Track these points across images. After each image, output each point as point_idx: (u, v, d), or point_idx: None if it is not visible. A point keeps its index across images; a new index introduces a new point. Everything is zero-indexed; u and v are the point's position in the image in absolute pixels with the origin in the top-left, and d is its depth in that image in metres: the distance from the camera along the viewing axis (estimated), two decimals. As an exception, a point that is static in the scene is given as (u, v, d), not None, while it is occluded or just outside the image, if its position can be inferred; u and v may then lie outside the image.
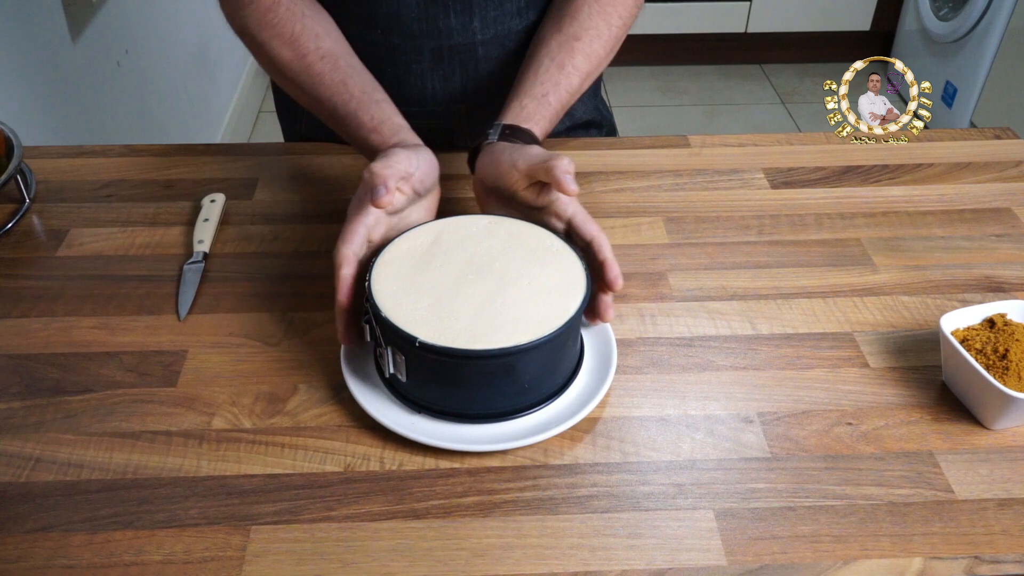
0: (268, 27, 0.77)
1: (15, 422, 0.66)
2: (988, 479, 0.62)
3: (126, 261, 0.82)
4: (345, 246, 0.66)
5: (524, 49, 0.91)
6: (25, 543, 0.58)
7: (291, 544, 0.58)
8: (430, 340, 0.61)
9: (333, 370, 0.69)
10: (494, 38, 0.89)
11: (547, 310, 0.64)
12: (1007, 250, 0.85)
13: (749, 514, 0.60)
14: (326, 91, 0.76)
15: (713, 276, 0.81)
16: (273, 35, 0.77)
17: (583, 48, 0.81)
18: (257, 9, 0.77)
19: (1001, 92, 2.49)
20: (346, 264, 0.65)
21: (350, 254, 0.66)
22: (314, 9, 0.80)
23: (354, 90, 0.75)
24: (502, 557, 0.57)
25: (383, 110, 0.75)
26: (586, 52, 0.82)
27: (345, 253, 0.66)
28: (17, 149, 0.87)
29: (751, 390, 0.70)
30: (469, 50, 0.89)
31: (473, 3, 0.86)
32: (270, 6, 0.77)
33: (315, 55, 0.77)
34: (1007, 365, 0.65)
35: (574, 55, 0.81)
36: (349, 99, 0.75)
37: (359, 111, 0.75)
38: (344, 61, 0.77)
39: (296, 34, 0.77)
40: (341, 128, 0.77)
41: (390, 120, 0.74)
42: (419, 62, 0.90)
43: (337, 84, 0.76)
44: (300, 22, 0.78)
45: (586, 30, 0.82)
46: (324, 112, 0.78)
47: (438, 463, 0.63)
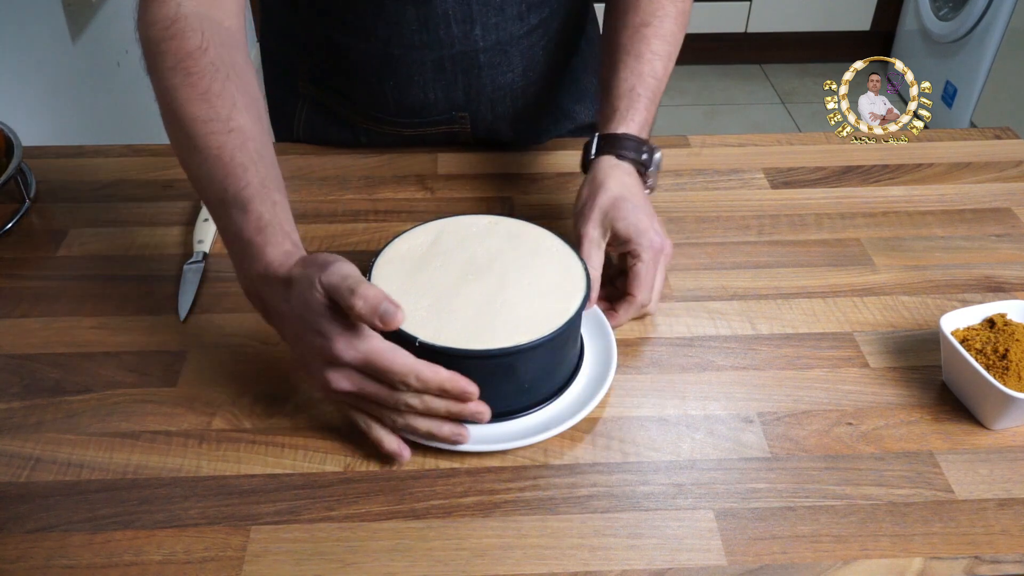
0: (184, 73, 0.65)
1: (15, 422, 0.66)
2: (988, 479, 0.62)
3: (126, 261, 0.82)
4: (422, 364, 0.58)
5: (526, 53, 0.91)
6: (25, 543, 0.58)
7: (291, 544, 0.58)
8: (430, 340, 0.61)
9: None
10: (496, 44, 0.89)
11: (547, 310, 0.64)
12: (1007, 250, 0.85)
13: (749, 514, 0.60)
14: (221, 169, 0.63)
15: (713, 276, 0.81)
16: (186, 84, 0.65)
17: (655, 32, 0.80)
18: (178, 49, 0.66)
19: (1001, 92, 2.49)
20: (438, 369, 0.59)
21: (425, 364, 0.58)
22: (241, 73, 0.68)
23: (253, 179, 0.63)
24: (502, 557, 0.57)
25: (276, 212, 0.62)
26: (659, 35, 0.80)
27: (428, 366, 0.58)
28: (17, 149, 0.87)
29: (751, 390, 0.70)
30: (471, 58, 0.89)
31: (474, 11, 0.86)
32: (193, 51, 0.66)
33: (224, 124, 0.64)
34: (1007, 365, 0.65)
35: (649, 41, 0.80)
36: (245, 186, 0.62)
37: (251, 202, 0.62)
38: (254, 144, 0.65)
39: (213, 93, 0.65)
40: (222, 211, 0.64)
41: (280, 225, 0.62)
42: (420, 73, 0.89)
43: (237, 166, 0.63)
44: (221, 82, 0.65)
45: (652, 14, 0.81)
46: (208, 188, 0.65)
47: (438, 463, 0.63)
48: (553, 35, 0.93)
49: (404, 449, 0.62)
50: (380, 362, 0.57)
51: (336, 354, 0.57)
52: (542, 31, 0.91)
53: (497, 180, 0.94)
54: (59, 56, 1.52)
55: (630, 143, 0.76)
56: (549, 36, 0.93)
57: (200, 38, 0.67)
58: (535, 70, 0.94)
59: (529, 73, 0.93)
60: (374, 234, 0.86)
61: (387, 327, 0.55)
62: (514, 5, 0.87)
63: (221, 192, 0.63)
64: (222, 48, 0.68)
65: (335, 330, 0.57)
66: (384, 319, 0.55)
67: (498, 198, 0.91)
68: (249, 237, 0.61)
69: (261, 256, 0.61)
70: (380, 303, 0.55)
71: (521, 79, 0.93)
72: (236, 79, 0.67)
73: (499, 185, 0.93)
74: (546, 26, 0.91)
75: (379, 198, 0.91)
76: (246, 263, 0.62)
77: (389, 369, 0.57)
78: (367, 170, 0.96)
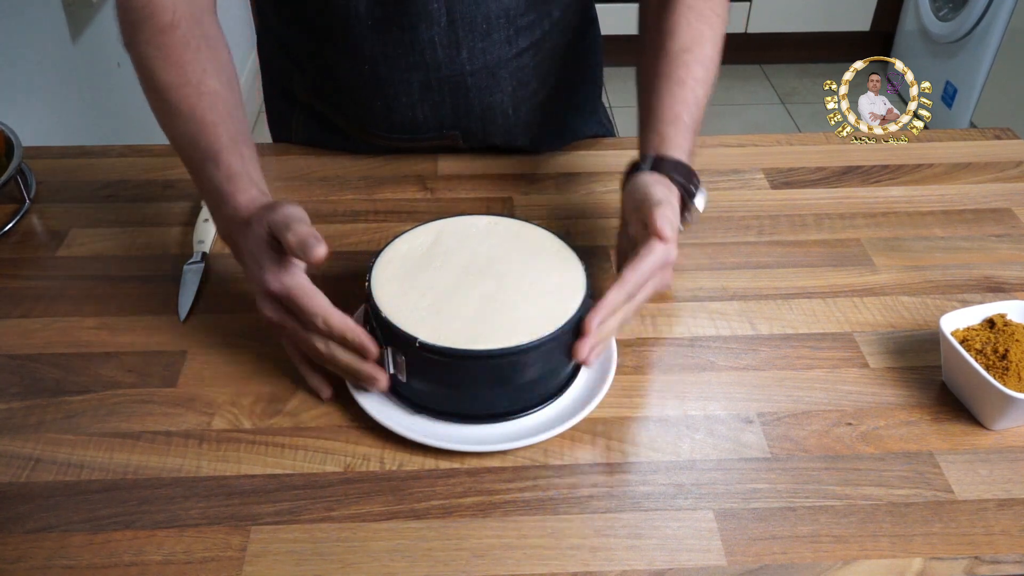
0: (157, 47, 0.73)
1: (15, 422, 0.66)
2: (988, 479, 0.62)
3: (126, 261, 0.82)
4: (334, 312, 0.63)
5: (514, 76, 0.90)
6: (25, 543, 0.58)
7: (291, 544, 0.58)
8: (430, 340, 0.61)
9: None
10: (483, 68, 0.88)
11: (547, 310, 0.64)
12: (1007, 250, 0.85)
13: (749, 514, 0.60)
14: (195, 126, 0.71)
15: (713, 276, 0.81)
16: (160, 56, 0.73)
17: (696, 58, 0.79)
18: (152, 26, 0.73)
19: (1001, 92, 2.49)
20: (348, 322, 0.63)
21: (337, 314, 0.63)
22: (212, 45, 0.75)
23: (223, 135, 0.70)
24: (502, 557, 0.57)
25: (245, 164, 0.70)
26: (700, 61, 0.79)
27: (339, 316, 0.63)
28: (17, 149, 0.87)
29: (751, 390, 0.70)
30: (458, 80, 0.88)
31: (460, 36, 0.85)
32: (165, 27, 0.73)
33: (195, 88, 0.72)
34: (1007, 365, 0.65)
35: (690, 67, 0.78)
36: (215, 140, 0.70)
37: (221, 154, 0.69)
38: (223, 105, 0.72)
39: (185, 61, 0.73)
40: (196, 166, 0.72)
41: (248, 175, 0.69)
42: (408, 93, 0.89)
43: (208, 124, 0.71)
44: (192, 52, 0.73)
45: (692, 40, 0.80)
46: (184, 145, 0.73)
47: (438, 463, 0.63)
48: (546, 54, 0.92)
49: (324, 387, 0.67)
50: (297, 298, 0.63)
51: (265, 282, 0.64)
52: (532, 52, 0.90)
53: (497, 180, 0.94)
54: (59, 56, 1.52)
55: (681, 168, 0.73)
56: (541, 56, 0.91)
57: (172, 15, 0.74)
58: (526, 89, 0.93)
59: (520, 92, 0.92)
60: (374, 234, 0.86)
61: (310, 259, 0.60)
62: (501, 30, 0.86)
63: (195, 148, 0.71)
64: (192, 22, 0.75)
65: (269, 263, 0.64)
66: (306, 250, 0.60)
67: (498, 198, 0.91)
68: (220, 185, 0.69)
69: (231, 201, 0.68)
70: (308, 237, 0.61)
71: (511, 98, 0.92)
72: (206, 50, 0.74)
73: (499, 185, 0.93)
74: (537, 47, 0.90)
75: (379, 198, 0.91)
76: (220, 209, 0.69)
77: (302, 306, 0.63)
78: (367, 170, 0.96)
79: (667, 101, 0.77)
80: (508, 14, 0.85)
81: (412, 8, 0.82)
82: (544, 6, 0.88)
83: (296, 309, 0.63)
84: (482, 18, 0.84)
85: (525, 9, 0.86)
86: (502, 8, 0.84)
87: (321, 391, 0.68)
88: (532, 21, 0.88)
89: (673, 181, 0.72)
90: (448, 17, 0.83)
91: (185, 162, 0.73)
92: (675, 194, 0.71)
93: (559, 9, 0.90)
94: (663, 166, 0.72)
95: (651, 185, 0.69)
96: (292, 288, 0.63)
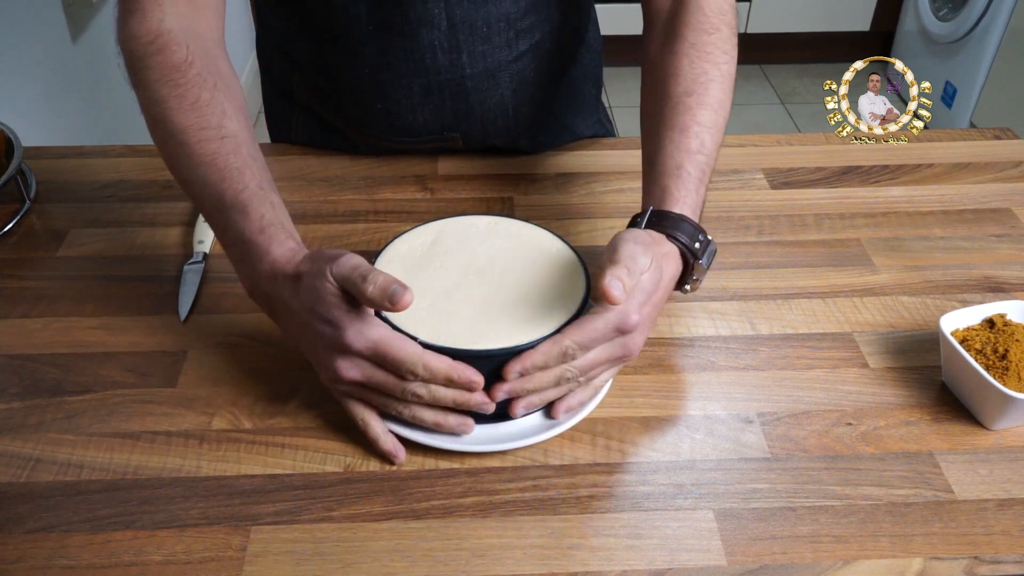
0: (172, 85, 0.67)
1: (15, 422, 0.66)
2: (988, 479, 0.62)
3: (126, 261, 0.82)
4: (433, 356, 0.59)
5: (514, 78, 0.90)
6: (25, 543, 0.58)
7: (291, 544, 0.58)
8: (430, 340, 0.61)
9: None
10: (483, 71, 0.88)
11: (547, 310, 0.64)
12: (1007, 250, 0.85)
13: (749, 514, 0.60)
14: (216, 174, 0.65)
15: (713, 276, 0.81)
16: (174, 95, 0.67)
17: (699, 101, 0.73)
18: (164, 63, 0.68)
19: (1001, 92, 2.49)
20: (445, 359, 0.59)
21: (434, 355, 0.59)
22: (227, 84, 0.70)
23: (250, 182, 0.65)
24: (502, 557, 0.57)
25: (276, 213, 0.65)
26: (704, 104, 0.73)
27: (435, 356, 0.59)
28: (17, 149, 0.87)
29: (751, 390, 0.70)
30: (458, 84, 0.88)
31: (460, 40, 0.85)
32: (179, 65, 0.68)
33: (216, 131, 0.66)
34: (1007, 365, 0.65)
35: (694, 112, 0.72)
36: (243, 189, 0.64)
37: (250, 204, 0.64)
38: (246, 149, 0.67)
39: (203, 103, 0.67)
40: (219, 215, 0.66)
41: (282, 225, 0.64)
42: (408, 97, 0.89)
43: (233, 170, 0.65)
44: (209, 92, 0.68)
45: (695, 81, 0.74)
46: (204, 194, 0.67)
47: (438, 463, 0.63)
48: (545, 56, 0.92)
49: (400, 450, 0.63)
50: (389, 350, 0.58)
51: (347, 342, 0.58)
52: (532, 55, 0.90)
53: (497, 181, 0.94)
54: (59, 56, 1.52)
55: (685, 225, 0.67)
56: (540, 58, 0.91)
57: (185, 51, 0.69)
58: (526, 91, 0.93)
59: (520, 95, 0.92)
60: (374, 234, 0.86)
61: (396, 307, 0.56)
62: (501, 33, 0.86)
63: (218, 196, 0.65)
64: (207, 59, 0.70)
65: (346, 319, 0.58)
66: (393, 299, 0.56)
67: (498, 198, 0.91)
68: (252, 238, 0.63)
69: (266, 255, 0.62)
70: (390, 286, 0.56)
71: (511, 100, 0.92)
72: (223, 89, 0.69)
73: (499, 185, 0.93)
74: (536, 50, 0.90)
75: (379, 198, 0.91)
76: (249, 263, 0.64)
77: (397, 357, 0.58)
78: (367, 170, 0.96)
79: (669, 150, 0.71)
80: (508, 17, 0.85)
81: (412, 12, 0.82)
82: (544, 9, 0.88)
83: (389, 361, 0.59)
84: (482, 22, 0.84)
85: (525, 12, 0.86)
86: (502, 12, 0.84)
87: (397, 455, 0.63)
88: (532, 24, 0.88)
89: (673, 240, 0.66)
90: (448, 21, 0.83)
91: (205, 211, 0.67)
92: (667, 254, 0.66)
93: (559, 12, 0.90)
94: (664, 223, 0.66)
95: (625, 241, 0.62)
96: (381, 341, 0.58)
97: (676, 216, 0.67)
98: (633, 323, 0.61)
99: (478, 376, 0.60)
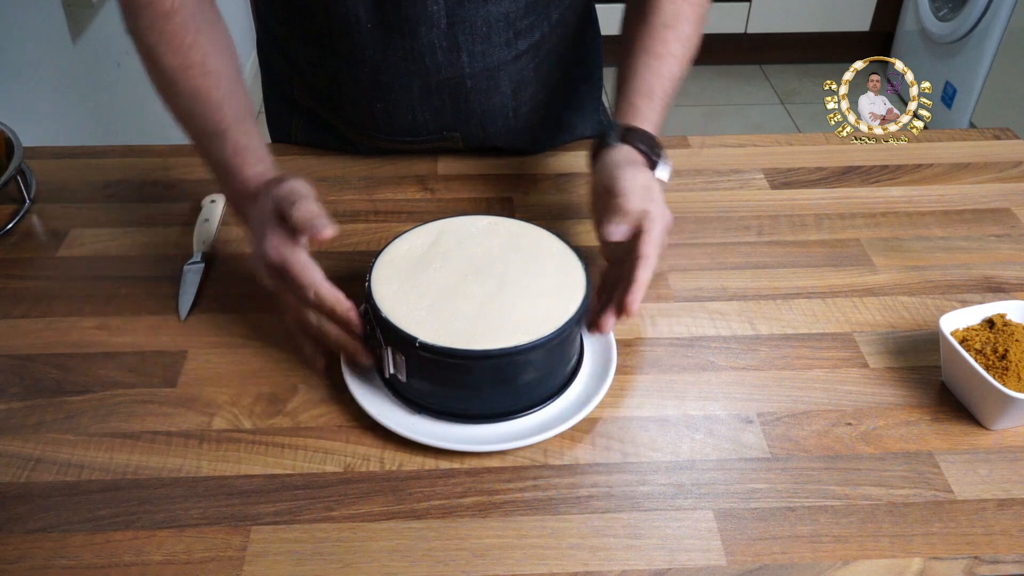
0: (159, 33, 0.76)
1: (15, 422, 0.66)
2: (988, 479, 0.63)
3: (126, 261, 0.82)
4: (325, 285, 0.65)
5: (514, 78, 0.90)
6: (25, 543, 0.58)
7: (291, 544, 0.58)
8: (430, 340, 0.61)
9: (333, 370, 0.69)
10: (483, 70, 0.88)
11: (547, 311, 0.64)
12: (1006, 250, 0.85)
13: (749, 514, 0.60)
14: (200, 107, 0.75)
15: (713, 276, 0.81)
16: (162, 41, 0.76)
17: (675, 35, 0.82)
18: (153, 12, 0.76)
19: (1001, 92, 2.49)
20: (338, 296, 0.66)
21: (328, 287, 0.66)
22: (212, 27, 0.78)
23: (228, 112, 0.74)
24: (502, 557, 0.57)
25: (251, 139, 0.74)
26: (679, 38, 0.82)
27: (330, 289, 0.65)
28: (17, 149, 0.87)
29: (751, 390, 0.70)
30: (458, 83, 0.89)
31: (460, 40, 0.85)
32: (167, 13, 0.75)
33: (199, 69, 0.75)
34: (1006, 365, 0.65)
35: (668, 43, 0.81)
36: (222, 119, 0.74)
37: (228, 132, 0.73)
38: (227, 83, 0.76)
39: (187, 45, 0.76)
40: (204, 142, 0.75)
41: (255, 149, 0.73)
42: (408, 97, 0.89)
43: (214, 102, 0.75)
44: (193, 36, 0.76)
45: (674, 16, 0.82)
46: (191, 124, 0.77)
47: (438, 463, 0.63)
48: (545, 56, 0.92)
49: (319, 358, 0.70)
50: (292, 269, 0.65)
51: (265, 251, 0.66)
52: (532, 54, 0.90)
53: (497, 181, 0.94)
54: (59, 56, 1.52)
55: (647, 138, 0.77)
56: (541, 57, 0.92)
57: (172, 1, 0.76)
58: (526, 91, 0.93)
59: (520, 94, 0.93)
60: (374, 234, 0.86)
61: (315, 238, 0.64)
62: (501, 33, 0.86)
63: (202, 126, 0.75)
64: (193, 8, 0.77)
65: (272, 233, 0.66)
66: (312, 230, 0.63)
67: (498, 199, 0.91)
68: (228, 160, 0.72)
69: (240, 174, 0.72)
70: (313, 218, 0.64)
71: (511, 100, 0.92)
72: (207, 33, 0.77)
73: (499, 186, 0.93)
74: (537, 49, 0.90)
75: (379, 198, 0.92)
76: (228, 183, 0.73)
77: (296, 277, 0.65)
78: (367, 170, 0.96)
79: (643, 73, 0.80)
80: (508, 17, 0.85)
81: (412, 12, 0.83)
82: (543, 9, 0.88)
83: (290, 280, 0.66)
84: (482, 21, 0.85)
85: (524, 12, 0.86)
86: (502, 11, 0.85)
87: (315, 361, 0.70)
88: (531, 23, 0.88)
89: (638, 151, 0.75)
90: (448, 20, 0.84)
91: (193, 140, 0.76)
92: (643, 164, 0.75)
93: (558, 11, 0.90)
94: (630, 137, 0.76)
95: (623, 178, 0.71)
96: (288, 259, 0.65)
97: (641, 131, 0.77)
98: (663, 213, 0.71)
99: (357, 320, 0.66)
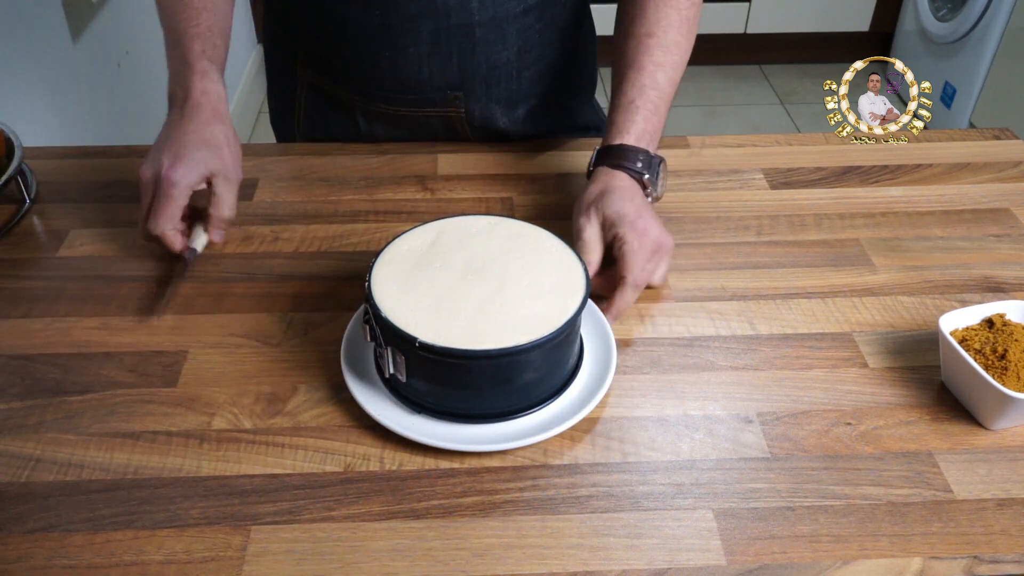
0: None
1: (15, 422, 0.66)
2: (987, 479, 0.63)
3: (126, 261, 0.82)
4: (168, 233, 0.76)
5: (522, 33, 0.92)
6: (25, 543, 0.58)
7: (291, 544, 0.58)
8: (430, 340, 0.61)
9: (333, 370, 0.69)
10: (492, 20, 0.89)
11: (547, 310, 0.64)
12: (1006, 250, 0.85)
13: (749, 514, 0.60)
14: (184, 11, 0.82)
15: (713, 276, 0.81)
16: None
17: (658, 43, 0.82)
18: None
19: (1000, 92, 2.49)
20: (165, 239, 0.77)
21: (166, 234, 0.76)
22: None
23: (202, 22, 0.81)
24: (502, 557, 0.57)
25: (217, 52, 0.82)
26: (662, 45, 0.82)
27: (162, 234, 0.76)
28: (17, 149, 0.87)
29: (750, 390, 0.70)
30: (467, 32, 0.90)
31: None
32: None
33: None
34: (1006, 365, 0.65)
35: (651, 52, 0.82)
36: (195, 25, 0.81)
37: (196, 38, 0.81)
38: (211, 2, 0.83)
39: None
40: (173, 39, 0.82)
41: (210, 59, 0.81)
42: (416, 44, 0.90)
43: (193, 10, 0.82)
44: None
45: (656, 24, 0.83)
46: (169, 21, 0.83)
47: (438, 463, 0.63)
48: (549, 21, 0.94)
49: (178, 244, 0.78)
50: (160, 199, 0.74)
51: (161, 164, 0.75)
52: (538, 14, 0.92)
53: (497, 180, 0.94)
54: (59, 56, 1.52)
55: (628, 152, 0.78)
56: (545, 21, 0.93)
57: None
58: (530, 53, 0.94)
59: (524, 55, 0.94)
60: (374, 234, 0.86)
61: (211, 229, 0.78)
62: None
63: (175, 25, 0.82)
64: None
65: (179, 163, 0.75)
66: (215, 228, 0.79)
67: (498, 198, 0.92)
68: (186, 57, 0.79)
69: (190, 75, 0.79)
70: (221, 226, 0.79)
71: (516, 59, 0.94)
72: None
73: (499, 185, 0.94)
74: (542, 9, 0.92)
75: (379, 198, 0.92)
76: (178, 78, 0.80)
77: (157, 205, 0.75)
78: (367, 170, 0.96)
79: (624, 87, 0.81)
80: None
81: None
82: None
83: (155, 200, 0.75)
84: None
85: None
86: None
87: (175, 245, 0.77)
88: None
89: (618, 167, 0.77)
90: None
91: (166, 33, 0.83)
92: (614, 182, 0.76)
93: None
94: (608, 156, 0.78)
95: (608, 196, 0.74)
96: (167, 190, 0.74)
97: (616, 147, 0.79)
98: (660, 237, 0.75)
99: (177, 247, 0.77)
